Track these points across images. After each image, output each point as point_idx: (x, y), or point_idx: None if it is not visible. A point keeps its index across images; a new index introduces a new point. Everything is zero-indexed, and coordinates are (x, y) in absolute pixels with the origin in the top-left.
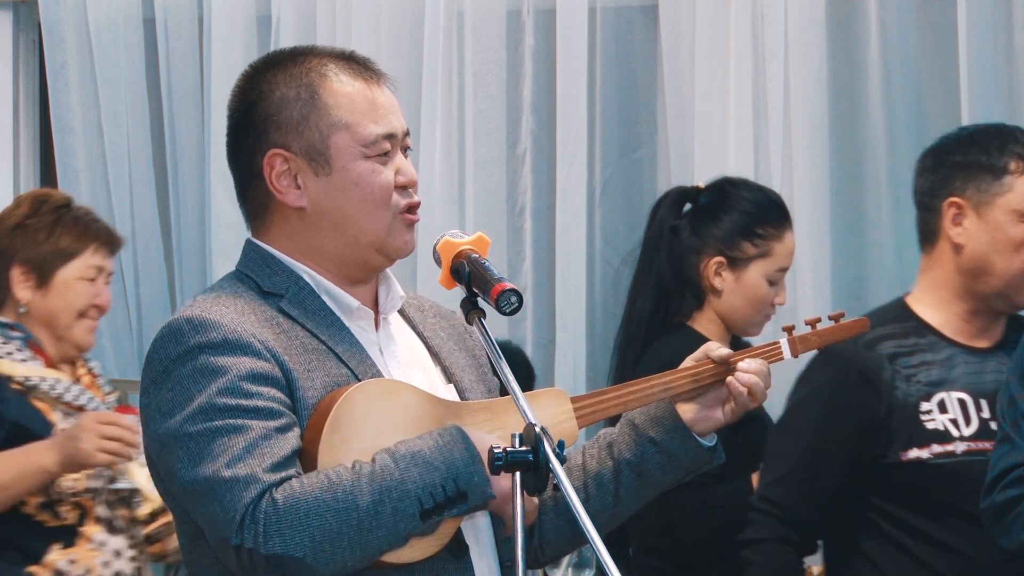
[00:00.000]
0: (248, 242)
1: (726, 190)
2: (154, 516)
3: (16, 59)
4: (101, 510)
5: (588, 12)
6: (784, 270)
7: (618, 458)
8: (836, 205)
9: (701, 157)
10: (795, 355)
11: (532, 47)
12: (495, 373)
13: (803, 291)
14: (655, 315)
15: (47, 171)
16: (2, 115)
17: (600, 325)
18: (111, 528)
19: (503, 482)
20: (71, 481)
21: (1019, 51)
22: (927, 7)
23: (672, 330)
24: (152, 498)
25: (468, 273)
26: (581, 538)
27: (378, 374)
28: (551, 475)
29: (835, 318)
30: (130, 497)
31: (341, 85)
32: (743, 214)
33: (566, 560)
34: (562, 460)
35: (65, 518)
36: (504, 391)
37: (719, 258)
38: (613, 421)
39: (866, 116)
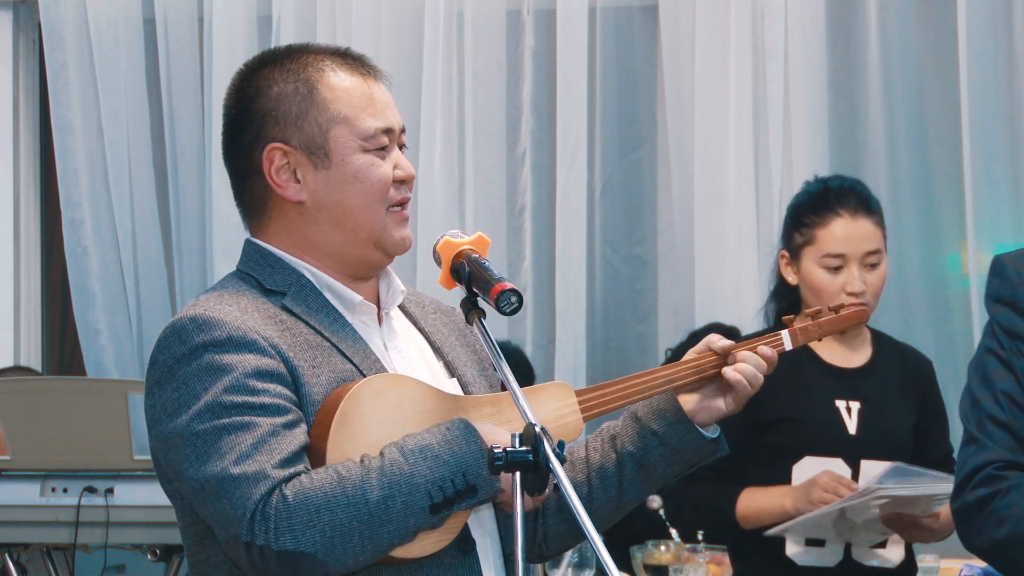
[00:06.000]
0: (248, 242)
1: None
2: None
3: (16, 59)
4: None
5: (588, 12)
6: (837, 256)
7: (621, 451)
8: None
9: (701, 157)
10: (795, 345)
11: (532, 47)
12: (496, 372)
13: None
14: (770, 319)
15: (47, 171)
16: (2, 115)
17: (600, 325)
18: None
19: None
20: None
21: (1019, 51)
22: (927, 7)
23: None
24: None
25: (468, 273)
26: (583, 533)
27: (382, 369)
28: (551, 475)
29: (835, 309)
30: None
31: (339, 80)
32: (793, 206)
33: (566, 559)
34: (562, 460)
35: None
36: (505, 388)
37: (783, 251)
38: (617, 415)
39: (866, 116)
